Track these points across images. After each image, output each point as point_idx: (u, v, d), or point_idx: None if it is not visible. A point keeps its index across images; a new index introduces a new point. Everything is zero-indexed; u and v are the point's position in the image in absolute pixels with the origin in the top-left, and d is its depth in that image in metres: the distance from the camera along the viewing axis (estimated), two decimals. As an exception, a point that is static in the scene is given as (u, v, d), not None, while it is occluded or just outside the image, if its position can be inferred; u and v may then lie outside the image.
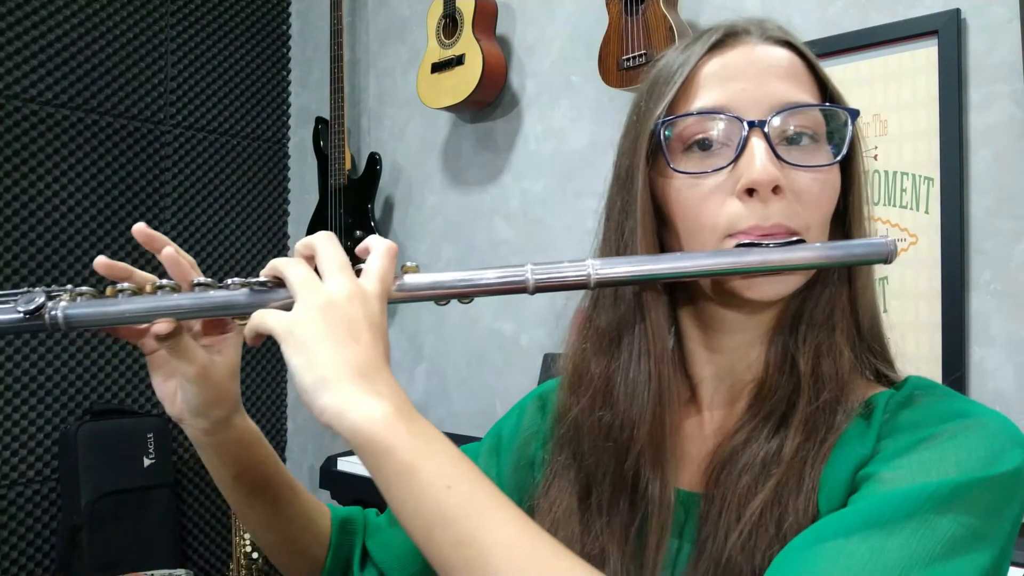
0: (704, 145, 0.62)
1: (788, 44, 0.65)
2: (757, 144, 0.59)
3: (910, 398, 0.59)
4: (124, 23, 2.47)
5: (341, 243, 0.59)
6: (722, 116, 0.61)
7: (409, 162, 2.49)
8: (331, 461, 2.00)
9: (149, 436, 2.39)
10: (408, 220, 2.48)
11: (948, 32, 1.46)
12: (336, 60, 2.47)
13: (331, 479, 1.98)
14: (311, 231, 2.52)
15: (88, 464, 2.25)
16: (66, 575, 2.25)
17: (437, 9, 2.23)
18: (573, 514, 0.66)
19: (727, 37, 0.64)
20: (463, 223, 2.33)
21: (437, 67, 2.20)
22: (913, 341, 1.50)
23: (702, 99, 0.62)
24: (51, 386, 2.33)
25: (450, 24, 2.20)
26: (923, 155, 1.50)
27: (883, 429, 0.58)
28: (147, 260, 2.51)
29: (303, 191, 2.84)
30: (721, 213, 0.60)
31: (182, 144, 2.60)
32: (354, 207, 2.42)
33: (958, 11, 1.46)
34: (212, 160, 2.67)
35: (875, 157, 1.55)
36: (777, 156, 0.59)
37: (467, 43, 2.14)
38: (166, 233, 2.55)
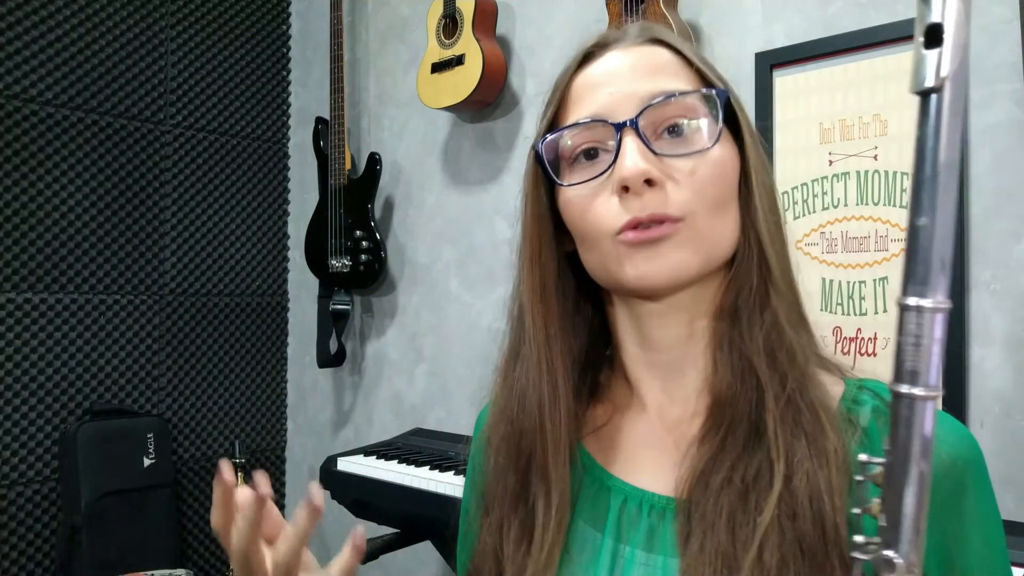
0: (589, 155, 0.64)
1: (658, 41, 0.66)
2: (629, 143, 0.61)
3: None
4: (124, 23, 2.47)
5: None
6: (594, 123, 0.63)
7: (409, 162, 2.49)
8: (331, 461, 2.00)
9: (149, 436, 2.39)
10: (408, 220, 2.48)
11: (948, 32, 1.46)
12: (336, 60, 2.47)
13: (331, 479, 1.98)
14: (311, 231, 2.52)
15: (88, 464, 2.25)
16: (66, 575, 2.25)
17: (437, 9, 2.22)
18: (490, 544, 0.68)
19: (596, 48, 0.67)
20: (463, 223, 2.33)
21: (437, 67, 2.20)
22: (913, 341, 1.50)
23: (576, 112, 0.65)
24: (51, 386, 2.33)
25: (450, 24, 2.20)
26: (923, 155, 1.49)
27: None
28: (147, 261, 2.51)
29: (303, 191, 2.84)
30: (606, 214, 0.62)
31: (182, 144, 2.60)
32: (354, 207, 2.42)
33: (958, 11, 1.46)
34: (212, 160, 2.67)
35: (875, 157, 1.55)
36: (652, 151, 0.61)
37: (467, 43, 2.14)
38: (166, 233, 2.56)
